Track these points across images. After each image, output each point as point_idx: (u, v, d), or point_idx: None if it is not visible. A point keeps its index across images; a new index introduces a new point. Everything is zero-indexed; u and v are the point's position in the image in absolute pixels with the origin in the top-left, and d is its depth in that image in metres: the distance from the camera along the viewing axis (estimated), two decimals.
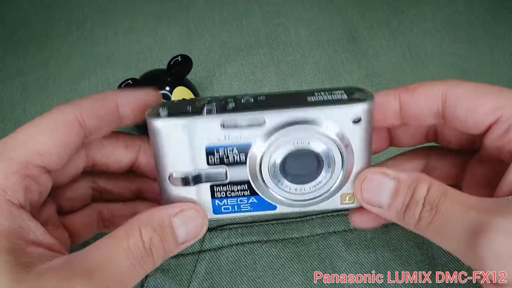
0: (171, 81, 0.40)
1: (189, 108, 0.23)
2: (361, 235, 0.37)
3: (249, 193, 0.25)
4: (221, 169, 0.24)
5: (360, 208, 0.27)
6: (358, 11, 0.51)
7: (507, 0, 0.51)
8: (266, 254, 0.37)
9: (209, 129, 0.23)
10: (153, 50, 0.50)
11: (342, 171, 0.25)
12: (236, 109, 0.23)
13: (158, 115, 0.23)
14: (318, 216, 0.38)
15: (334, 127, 0.23)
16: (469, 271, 0.36)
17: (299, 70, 0.48)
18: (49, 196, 0.27)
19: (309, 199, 0.26)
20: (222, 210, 0.26)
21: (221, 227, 0.38)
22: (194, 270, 0.36)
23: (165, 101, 0.24)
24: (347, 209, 0.27)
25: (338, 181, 0.25)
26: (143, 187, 0.31)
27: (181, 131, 0.23)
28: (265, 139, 0.24)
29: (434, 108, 0.25)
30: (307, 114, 0.23)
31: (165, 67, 0.40)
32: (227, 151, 0.24)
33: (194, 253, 0.37)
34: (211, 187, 0.25)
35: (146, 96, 0.27)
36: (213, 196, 0.25)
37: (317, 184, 0.25)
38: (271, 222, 0.38)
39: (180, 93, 0.40)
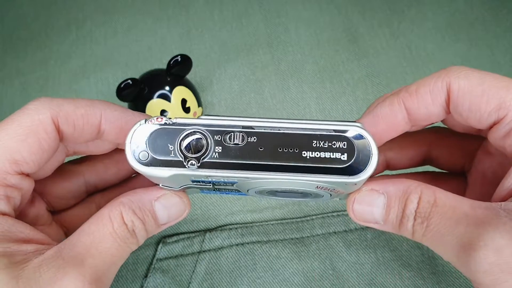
0: (171, 81, 0.40)
1: (171, 155, 0.21)
2: (361, 236, 0.37)
3: (234, 192, 0.25)
4: (207, 185, 0.24)
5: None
6: (358, 11, 0.51)
7: (507, 0, 0.51)
8: (266, 255, 0.37)
9: (194, 176, 0.22)
10: (153, 50, 0.50)
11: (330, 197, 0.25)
12: (219, 165, 0.21)
13: (139, 160, 0.21)
14: (318, 216, 0.38)
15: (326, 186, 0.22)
16: None
17: (299, 70, 0.48)
18: (38, 195, 0.27)
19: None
20: (206, 192, 0.26)
21: (221, 227, 0.38)
22: (194, 270, 0.36)
23: (139, 124, 0.21)
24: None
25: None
26: None
27: (163, 176, 0.21)
28: (251, 184, 0.22)
29: (442, 104, 0.23)
30: (292, 178, 0.21)
31: (165, 67, 0.40)
32: (214, 182, 0.23)
33: (194, 253, 0.37)
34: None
35: (134, 119, 0.25)
36: (201, 190, 0.25)
37: (303, 200, 0.26)
38: (271, 223, 0.38)
39: (180, 93, 0.40)
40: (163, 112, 0.39)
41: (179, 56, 0.40)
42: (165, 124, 0.21)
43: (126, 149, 0.21)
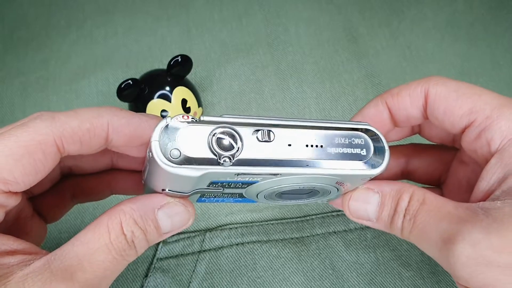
0: (171, 81, 0.40)
1: (204, 153, 0.20)
2: (361, 235, 0.37)
3: (237, 197, 0.25)
4: (219, 189, 0.23)
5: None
6: (358, 11, 0.51)
7: (507, 0, 0.51)
8: (266, 254, 0.37)
9: (222, 175, 0.21)
10: (153, 50, 0.50)
11: (336, 196, 0.26)
12: (252, 162, 0.21)
13: (170, 159, 0.20)
14: (318, 216, 0.38)
15: (342, 183, 0.23)
16: None
17: (299, 70, 0.48)
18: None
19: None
20: (206, 201, 0.25)
21: (221, 227, 0.38)
22: (194, 270, 0.36)
23: (166, 121, 0.20)
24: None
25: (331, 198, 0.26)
26: (116, 159, 0.29)
27: (194, 176, 0.21)
28: (274, 183, 0.23)
29: (420, 108, 0.25)
30: (323, 175, 0.22)
31: (165, 67, 0.40)
32: (232, 184, 0.23)
33: (194, 253, 0.37)
34: (202, 193, 0.24)
35: (144, 123, 0.23)
36: (201, 196, 0.24)
37: (309, 201, 0.26)
38: (271, 222, 0.38)
39: (180, 93, 0.40)
40: (163, 113, 0.39)
41: (179, 56, 0.40)
42: (193, 121, 0.20)
43: (154, 147, 0.20)
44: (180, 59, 0.40)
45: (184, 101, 0.40)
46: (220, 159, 0.20)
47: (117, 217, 0.22)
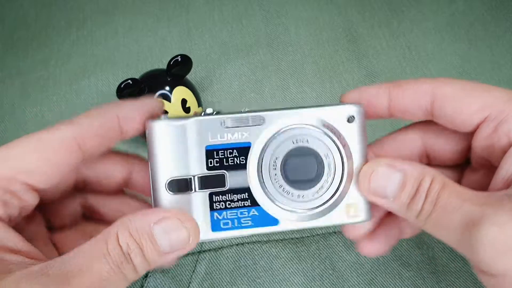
0: (171, 81, 0.40)
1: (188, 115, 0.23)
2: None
3: (249, 203, 0.24)
4: (221, 173, 0.24)
5: (369, 235, 0.27)
6: (358, 11, 0.51)
7: (507, 0, 0.51)
8: (266, 254, 0.37)
9: (209, 128, 0.23)
10: (153, 50, 0.50)
11: (343, 172, 0.25)
12: (234, 112, 0.24)
13: (158, 118, 0.23)
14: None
15: (331, 125, 0.24)
16: (469, 272, 0.36)
17: (299, 70, 0.48)
18: (38, 212, 0.26)
19: (312, 208, 0.25)
20: (222, 225, 0.24)
21: None
22: (194, 270, 0.36)
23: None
24: (353, 224, 0.26)
25: (341, 185, 0.25)
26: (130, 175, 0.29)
27: (181, 132, 0.23)
28: (264, 138, 0.24)
29: (422, 106, 0.25)
30: (304, 113, 0.24)
31: (165, 67, 0.40)
32: (227, 153, 0.24)
33: (194, 253, 0.37)
34: (210, 196, 0.24)
35: (147, 106, 0.26)
36: (211, 208, 0.24)
37: (320, 189, 0.25)
38: None
39: (180, 93, 0.40)
40: (163, 113, 0.39)
41: (179, 56, 0.40)
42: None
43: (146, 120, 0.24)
44: (180, 59, 0.40)
45: (184, 101, 0.40)
46: (202, 113, 0.24)
47: (114, 228, 0.22)
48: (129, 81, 0.38)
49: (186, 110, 0.40)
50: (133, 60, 0.49)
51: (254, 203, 0.24)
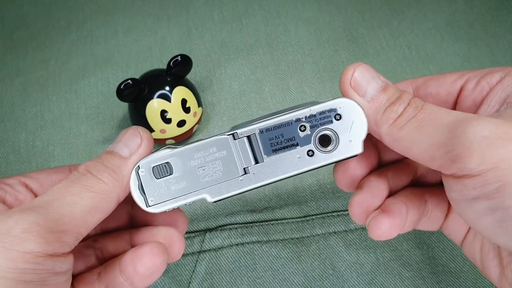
0: (171, 81, 0.40)
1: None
2: (361, 236, 0.37)
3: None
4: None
5: (384, 209, 0.25)
6: (358, 11, 0.51)
7: (507, 0, 0.51)
8: (266, 255, 0.37)
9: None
10: (153, 50, 0.50)
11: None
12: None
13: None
14: (318, 216, 0.38)
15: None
16: (469, 272, 0.36)
17: (299, 70, 0.48)
18: None
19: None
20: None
21: (221, 227, 0.38)
22: (194, 270, 0.36)
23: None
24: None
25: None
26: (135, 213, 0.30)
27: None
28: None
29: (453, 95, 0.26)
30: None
31: (165, 67, 0.40)
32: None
33: (194, 253, 0.37)
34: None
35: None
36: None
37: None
38: (271, 222, 0.38)
39: (180, 93, 0.40)
40: (163, 113, 0.39)
41: (179, 56, 0.40)
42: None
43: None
44: (180, 59, 0.40)
45: (184, 101, 0.40)
46: None
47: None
48: (129, 81, 0.38)
49: (186, 110, 0.40)
50: (133, 60, 0.49)
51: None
